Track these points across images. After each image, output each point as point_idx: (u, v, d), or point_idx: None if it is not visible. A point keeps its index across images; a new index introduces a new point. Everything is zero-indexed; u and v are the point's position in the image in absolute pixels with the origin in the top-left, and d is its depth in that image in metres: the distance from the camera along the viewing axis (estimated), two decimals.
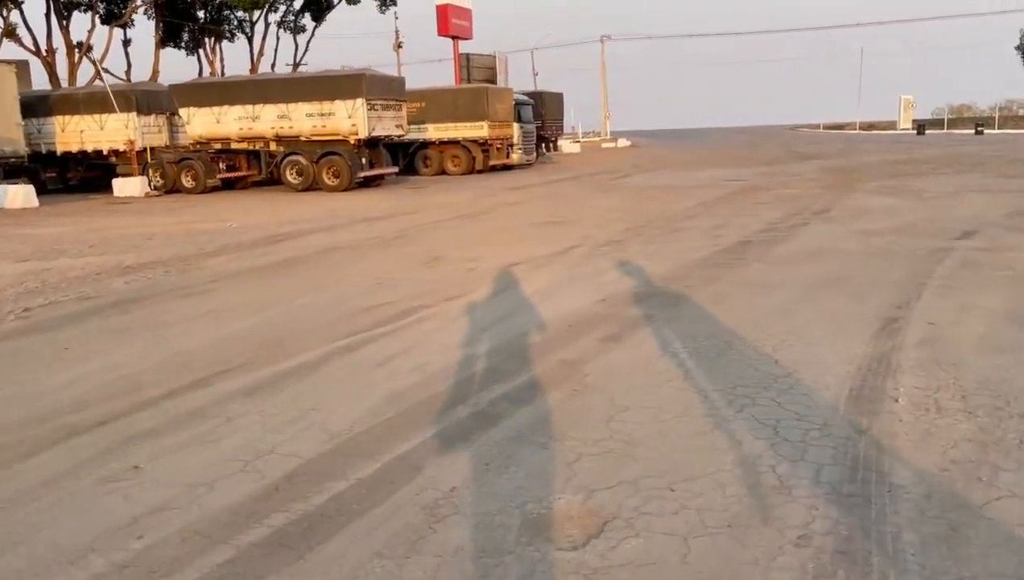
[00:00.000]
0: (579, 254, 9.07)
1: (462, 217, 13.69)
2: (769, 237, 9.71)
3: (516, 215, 13.76)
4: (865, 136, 51.91)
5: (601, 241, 9.99)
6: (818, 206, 12.90)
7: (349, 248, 10.44)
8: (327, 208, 16.28)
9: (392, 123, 21.71)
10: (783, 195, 15.00)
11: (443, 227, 12.36)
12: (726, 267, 7.82)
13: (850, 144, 39.95)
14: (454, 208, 15.41)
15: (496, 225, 12.38)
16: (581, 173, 25.71)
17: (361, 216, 14.56)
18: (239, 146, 21.94)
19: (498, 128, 27.18)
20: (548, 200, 16.45)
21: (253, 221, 14.43)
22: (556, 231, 11.17)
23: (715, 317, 5.82)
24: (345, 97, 20.38)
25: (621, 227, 11.27)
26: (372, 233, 11.92)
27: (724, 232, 10.30)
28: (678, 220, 11.84)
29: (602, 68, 56.98)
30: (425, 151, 27.13)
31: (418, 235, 11.50)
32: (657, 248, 9.24)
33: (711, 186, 17.95)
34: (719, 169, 24.50)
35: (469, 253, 9.48)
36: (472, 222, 12.91)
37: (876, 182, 17.02)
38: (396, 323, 6.04)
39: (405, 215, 14.52)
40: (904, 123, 56.71)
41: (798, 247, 8.87)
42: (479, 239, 10.78)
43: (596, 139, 52.60)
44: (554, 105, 33.68)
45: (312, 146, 21.10)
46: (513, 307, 6.46)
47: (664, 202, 14.66)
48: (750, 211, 12.63)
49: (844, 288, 6.64)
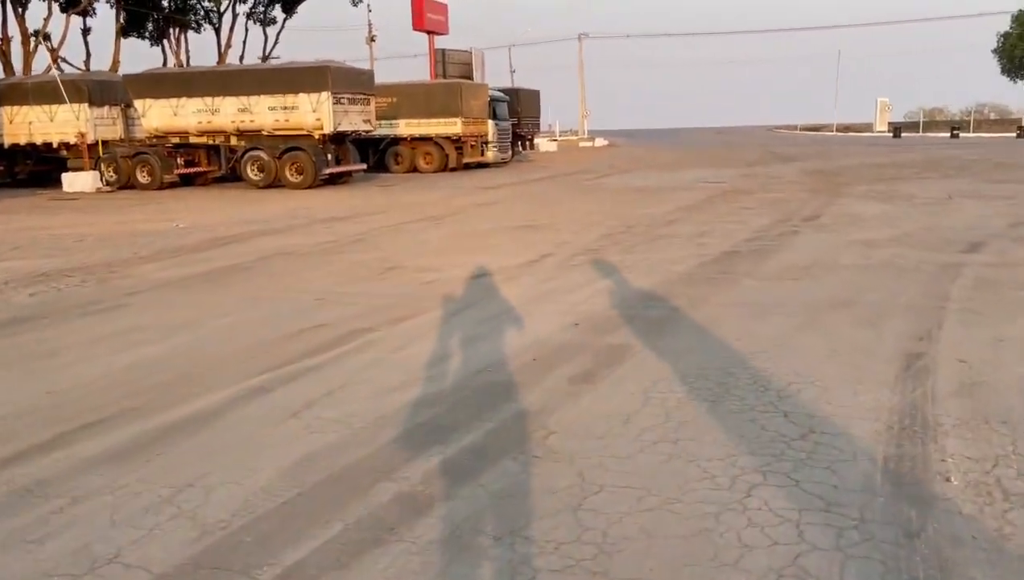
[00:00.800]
0: (552, 265, 8.12)
1: (429, 219, 12.69)
2: (758, 247, 8.82)
3: (487, 217, 12.79)
4: (842, 138, 51.53)
5: (577, 249, 9.05)
6: (807, 212, 12.06)
7: (299, 254, 9.41)
8: (287, 207, 15.20)
9: (360, 118, 20.63)
10: (767, 199, 14.17)
11: (407, 230, 11.36)
12: (714, 283, 6.90)
13: (828, 146, 39.42)
14: (421, 209, 14.41)
15: (464, 229, 11.40)
16: (557, 173, 24.79)
17: (321, 216, 13.51)
18: (198, 140, 20.76)
19: (472, 125, 26.18)
20: (522, 201, 15.50)
21: (204, 221, 13.33)
22: (529, 236, 10.22)
23: (706, 349, 4.90)
24: (309, 90, 19.28)
25: (598, 233, 10.34)
26: (329, 236, 10.89)
27: (709, 240, 9.40)
28: (659, 226, 10.93)
29: (580, 66, 56.16)
30: (396, 148, 26.05)
31: (378, 239, 10.49)
32: (637, 258, 8.32)
33: (691, 188, 17.10)
34: (698, 170, 23.70)
35: (430, 262, 8.49)
36: (439, 225, 11.92)
37: (863, 186, 16.26)
38: (329, 353, 5.05)
39: (368, 216, 13.49)
40: (880, 125, 56.43)
41: (792, 260, 7.99)
42: (444, 245, 9.79)
43: (574, 138, 51.72)
44: (530, 103, 32.71)
45: (275, 141, 19.97)
46: (470, 333, 5.50)
47: (643, 205, 13.77)
48: (735, 216, 11.77)
49: (851, 312, 5.75)
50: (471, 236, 10.54)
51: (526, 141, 32.95)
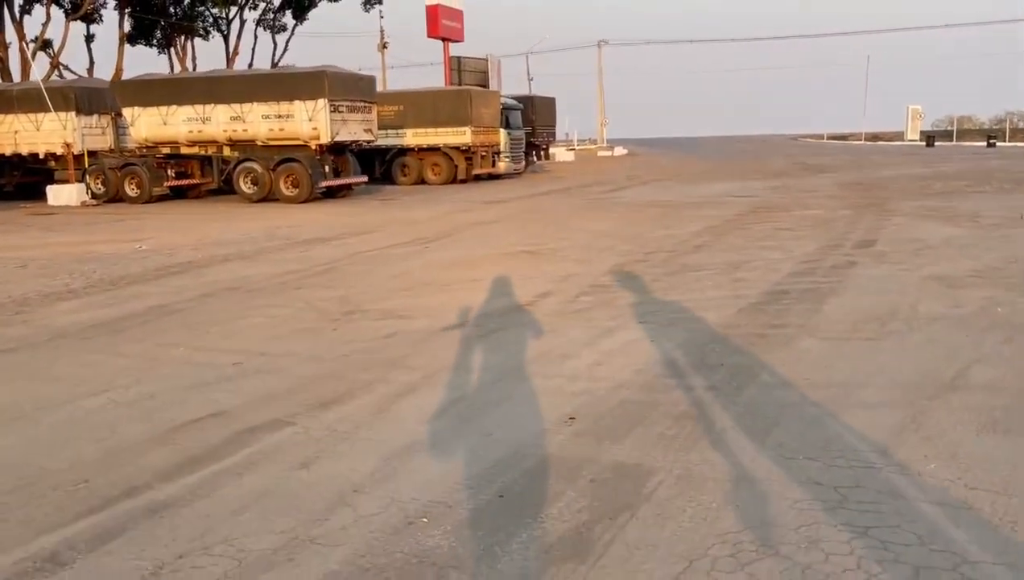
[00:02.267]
0: (549, 310, 6.40)
1: (419, 241, 11.02)
2: (811, 285, 7.02)
3: (486, 239, 11.10)
4: (872, 147, 49.27)
5: (582, 286, 7.32)
6: (857, 235, 10.23)
7: (250, 289, 7.76)
8: (271, 225, 13.62)
9: (360, 127, 19.05)
10: (807, 218, 12.34)
11: (388, 257, 9.70)
12: (762, 345, 5.13)
13: (860, 156, 37.31)
14: (415, 228, 12.75)
15: (455, 255, 9.71)
16: (572, 185, 23.06)
17: (303, 237, 11.89)
18: (189, 151, 19.29)
19: (483, 134, 24.53)
20: (529, 219, 13.80)
21: (173, 241, 11.77)
22: (528, 266, 8.51)
23: (764, 480, 3.15)
24: (305, 97, 17.73)
25: (610, 262, 8.60)
26: (297, 264, 9.26)
27: (746, 274, 7.62)
28: (683, 253, 9.17)
29: (599, 73, 54.40)
30: (403, 158, 24.46)
31: (351, 269, 8.83)
32: (657, 301, 6.57)
33: (718, 203, 15.30)
34: (723, 182, 21.86)
35: (400, 303, 6.81)
36: (427, 249, 10.24)
37: (912, 202, 14.36)
38: (201, 471, 3.36)
39: (355, 236, 11.86)
40: (911, 134, 53.99)
41: (857, 306, 6.19)
42: (424, 278, 8.10)
43: (592, 147, 49.93)
44: (546, 110, 31.00)
45: (269, 152, 18.44)
46: (412, 436, 3.78)
47: (664, 225, 12.00)
48: (772, 240, 9.98)
49: (967, 401, 3.97)
50: (460, 265, 8.84)
51: (541, 151, 31.23)
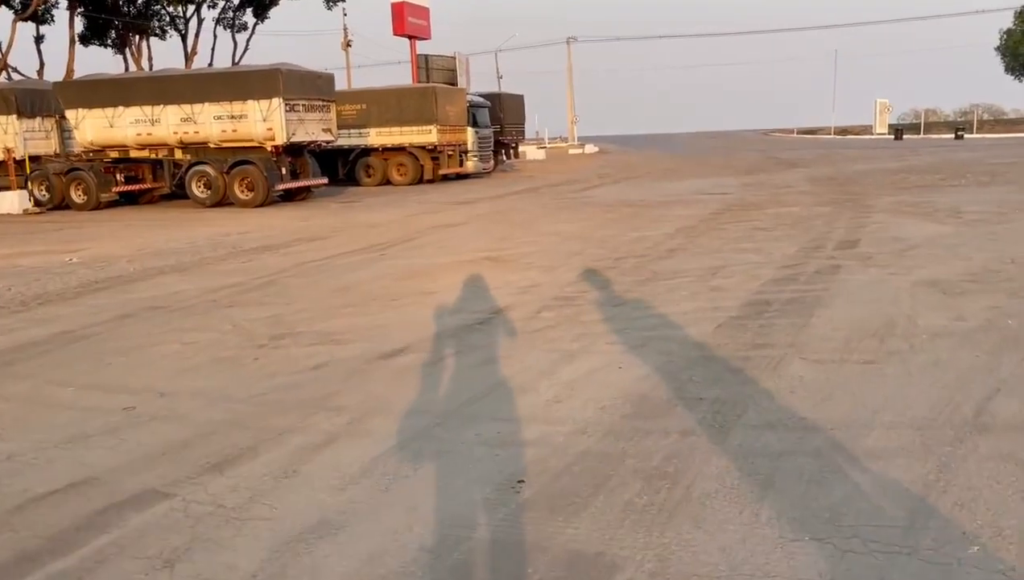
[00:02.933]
0: (508, 329, 5.65)
1: (373, 249, 10.23)
2: (795, 294, 6.35)
3: (448, 245, 10.33)
4: (841, 141, 49.12)
5: (545, 298, 6.58)
6: (839, 234, 9.61)
7: (174, 308, 6.93)
8: (218, 232, 12.73)
9: (318, 127, 18.15)
10: (783, 216, 11.72)
11: (336, 267, 8.89)
12: (746, 371, 4.42)
13: (830, 150, 37.02)
14: (375, 232, 11.95)
15: (413, 263, 8.93)
16: (542, 184, 22.34)
17: (250, 245, 11.04)
18: (139, 154, 18.27)
19: (449, 133, 23.73)
20: (495, 221, 13.04)
21: (108, 251, 10.86)
22: (490, 275, 7.76)
23: (762, 576, 2.44)
24: (259, 96, 16.81)
25: (578, 269, 7.88)
26: (238, 276, 8.42)
27: (724, 281, 6.94)
28: (655, 257, 8.47)
29: (568, 71, 53.74)
30: (367, 159, 23.60)
31: (295, 281, 8.02)
32: (627, 316, 5.85)
33: (691, 201, 14.66)
34: (696, 179, 21.26)
35: (338, 323, 6.03)
36: (381, 258, 9.45)
37: (888, 197, 13.82)
38: (30, 576, 2.58)
39: (307, 243, 11.03)
40: (880, 128, 53.97)
41: (849, 318, 5.51)
42: (373, 292, 7.32)
43: (563, 145, 49.25)
44: (514, 108, 30.23)
45: (223, 154, 17.49)
46: (320, 514, 3.01)
47: (636, 226, 11.32)
48: (750, 241, 9.32)
49: (1008, 451, 3.27)
50: (415, 276, 8.06)
51: (510, 149, 30.46)
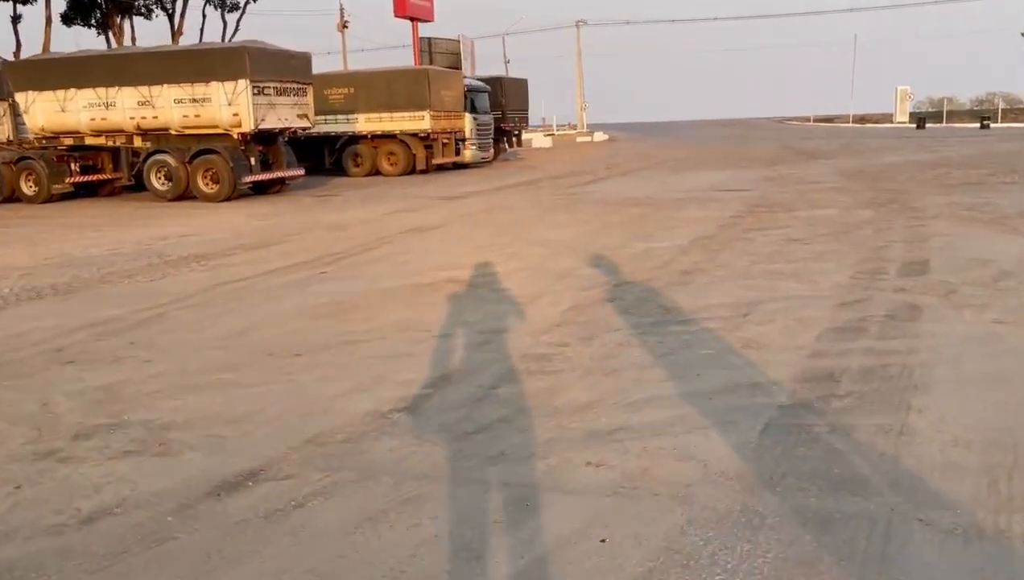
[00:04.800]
0: (432, 432, 3.70)
1: (320, 262, 8.29)
2: (868, 362, 4.31)
3: (409, 258, 8.38)
4: (862, 130, 46.68)
5: (508, 364, 4.60)
6: (897, 250, 7.57)
7: (10, 361, 5.03)
8: (157, 234, 10.83)
9: (292, 112, 16.19)
10: (819, 220, 9.69)
11: (255, 293, 6.95)
12: (836, 556, 2.47)
13: (852, 139, 34.73)
14: (335, 237, 10.02)
15: (350, 290, 6.98)
16: (544, 175, 20.31)
17: (180, 253, 9.13)
18: (95, 141, 16.38)
19: (444, 119, 21.73)
20: (479, 223, 11.07)
21: (4, 262, 8.99)
22: (442, 313, 5.81)
23: None
24: (223, 78, 14.85)
25: (563, 305, 5.90)
26: (127, 304, 6.49)
27: (761, 332, 4.94)
28: (665, 284, 6.48)
29: (577, 55, 51.39)
30: (355, 147, 21.65)
31: (186, 317, 6.08)
32: (622, 407, 3.86)
33: (707, 200, 12.63)
34: (711, 171, 19.18)
35: (192, 406, 4.08)
36: (319, 280, 7.49)
37: (938, 197, 11.75)
38: None
39: (247, 252, 9.11)
40: (901, 116, 51.44)
41: (969, 419, 3.50)
42: (272, 341, 5.36)
43: (571, 132, 47.08)
44: (517, 93, 28.11)
45: (185, 142, 15.59)
46: None
47: (643, 232, 9.32)
48: (785, 259, 7.31)
49: None
50: (341, 312, 6.09)
51: (512, 137, 28.39)
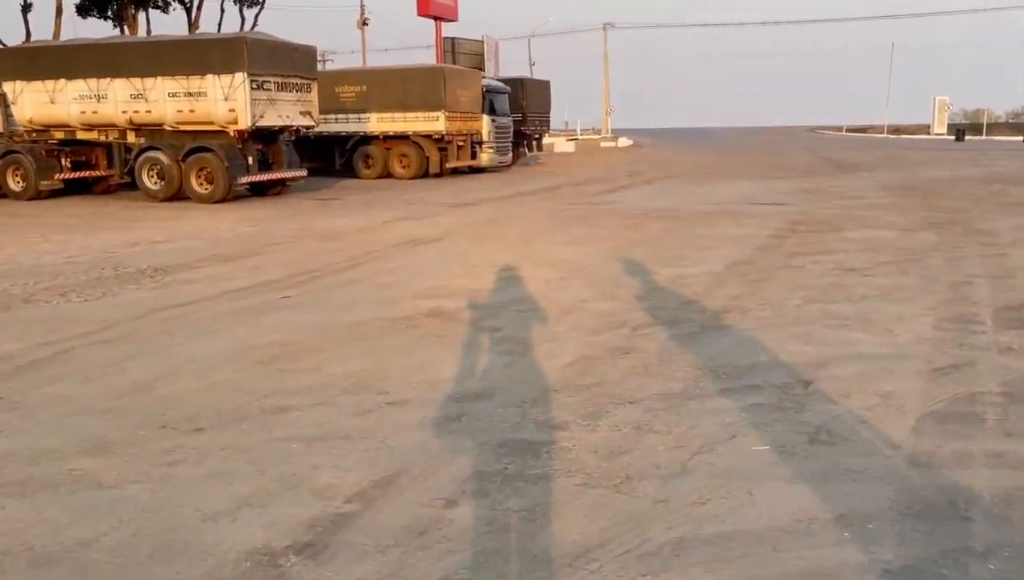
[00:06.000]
0: (355, 570, 2.44)
1: (292, 282, 7.06)
2: (1003, 477, 3.02)
3: (393, 280, 7.13)
4: (898, 141, 44.80)
5: (491, 440, 3.34)
6: (983, 290, 6.17)
7: None
8: (126, 240, 9.69)
9: (294, 109, 15.03)
10: (875, 243, 8.31)
11: (196, 324, 5.72)
12: None
13: (889, 150, 33.04)
14: (318, 251, 8.81)
15: (311, 324, 5.73)
16: (563, 182, 19.03)
17: (140, 264, 7.95)
18: (86, 136, 15.36)
19: (460, 121, 20.52)
20: (483, 236, 9.81)
21: None
22: (421, 361, 4.55)
23: None
24: (220, 71, 13.74)
25: (566, 354, 4.60)
26: (32, 334, 5.30)
27: (832, 414, 3.61)
28: (697, 331, 5.15)
29: (604, 59, 50.05)
30: (366, 148, 20.50)
31: (93, 356, 4.83)
32: (643, 548, 2.58)
33: (741, 214, 11.27)
34: (742, 182, 17.78)
35: (13, 535, 2.86)
36: (281, 307, 6.27)
37: (1006, 219, 10.29)
38: None
39: (217, 265, 7.93)
40: (939, 127, 49.45)
41: None
42: (197, 394, 4.12)
43: (595, 137, 45.72)
44: (539, 95, 26.82)
45: (180, 138, 14.51)
46: None
47: (669, 254, 8.00)
48: (844, 297, 5.96)
49: None
50: (301, 354, 4.84)
51: (533, 141, 27.10)
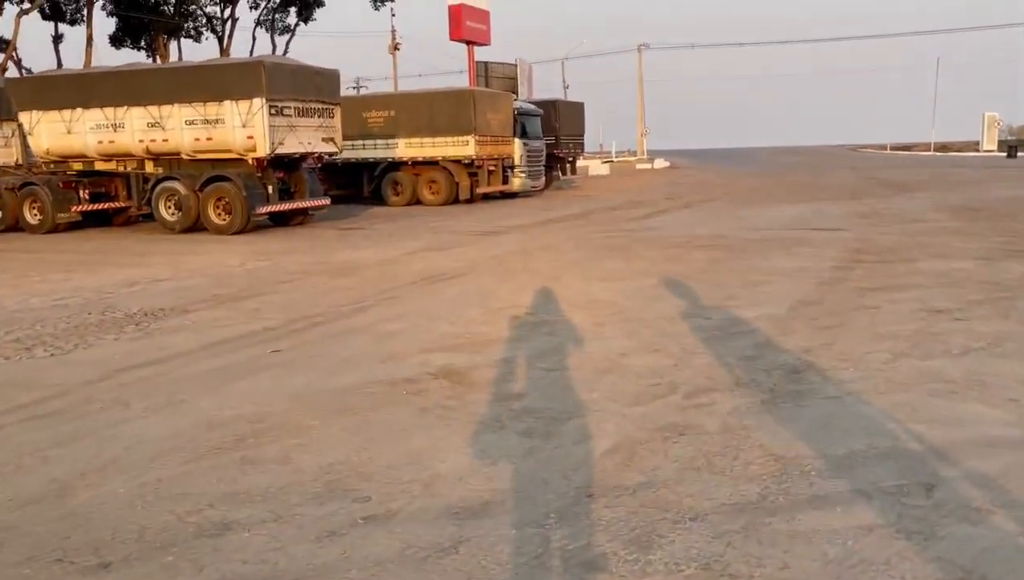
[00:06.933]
0: None
1: (290, 329, 6.21)
2: None
3: (407, 327, 6.23)
4: (948, 159, 43.04)
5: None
6: None
7: None
8: (126, 278, 8.98)
9: (316, 135, 14.37)
10: (956, 277, 7.18)
11: (165, 386, 4.85)
12: None
13: (940, 169, 31.48)
14: (328, 289, 7.98)
15: (310, 382, 4.84)
16: (597, 206, 18.09)
17: (132, 308, 7.20)
18: (104, 166, 14.88)
19: (491, 145, 19.74)
20: (512, 270, 8.88)
21: None
22: (418, 446, 3.61)
23: None
24: (237, 97, 13.13)
25: (607, 434, 3.62)
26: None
27: (980, 543, 2.56)
28: (771, 401, 4.15)
29: (639, 80, 49.17)
30: (394, 174, 19.82)
31: (34, 430, 4.00)
32: None
33: (795, 242, 10.19)
34: (787, 205, 16.63)
35: None
36: (274, 360, 5.42)
37: None
38: None
39: (213, 309, 7.13)
40: (988, 144, 47.49)
41: None
42: (96, 512, 3.23)
43: (631, 159, 44.74)
44: (572, 117, 25.96)
45: (198, 168, 13.93)
46: None
47: (720, 291, 6.97)
48: (942, 347, 4.86)
49: None
50: (268, 437, 3.92)
51: (567, 164, 26.25)
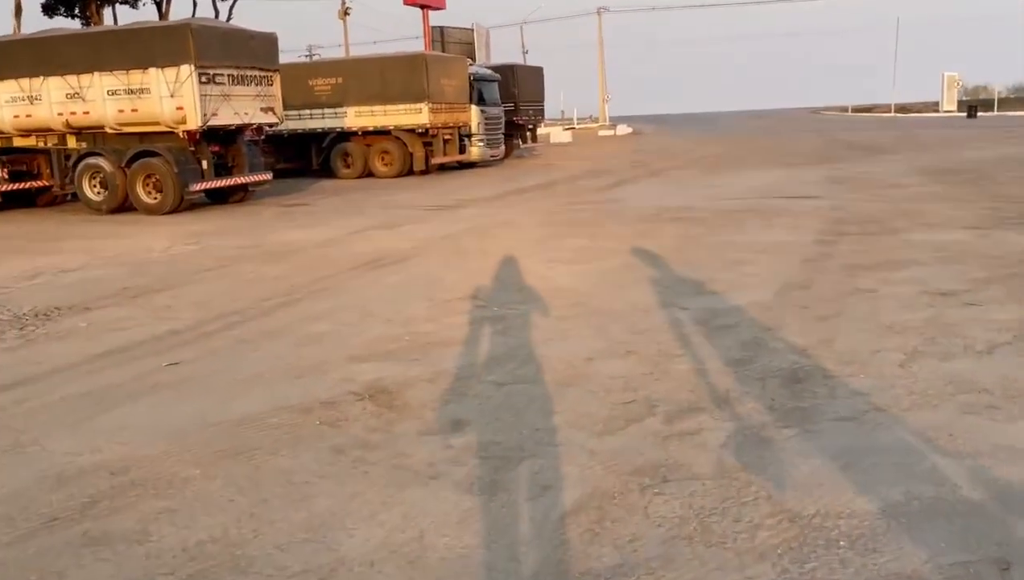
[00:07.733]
0: None
1: (200, 330, 5.30)
2: None
3: (337, 326, 5.35)
4: (910, 120, 42.89)
5: None
6: None
7: None
8: (28, 268, 7.92)
9: (254, 105, 13.21)
10: (951, 250, 6.51)
11: (11, 427, 3.99)
12: None
13: (905, 130, 31.14)
14: (256, 277, 7.04)
15: (205, 409, 3.96)
16: (560, 176, 17.23)
17: (22, 306, 6.19)
18: (25, 143, 13.58)
19: (445, 112, 18.69)
20: (466, 250, 8.01)
21: None
22: (329, 507, 2.77)
23: None
24: (163, 64, 11.92)
25: (572, 486, 2.81)
26: None
27: None
28: (771, 422, 3.39)
29: (599, 45, 48.05)
30: (344, 145, 18.70)
31: None
32: None
33: (771, 212, 9.47)
34: (759, 171, 15.96)
35: None
36: (170, 376, 4.52)
37: None
38: None
39: (124, 303, 6.17)
40: (948, 104, 47.48)
41: None
42: None
43: (592, 125, 43.79)
44: (532, 83, 24.89)
45: (125, 142, 12.73)
46: None
47: (696, 273, 6.18)
48: (962, 342, 4.14)
49: None
50: (124, 501, 3.04)
51: (527, 132, 25.25)
